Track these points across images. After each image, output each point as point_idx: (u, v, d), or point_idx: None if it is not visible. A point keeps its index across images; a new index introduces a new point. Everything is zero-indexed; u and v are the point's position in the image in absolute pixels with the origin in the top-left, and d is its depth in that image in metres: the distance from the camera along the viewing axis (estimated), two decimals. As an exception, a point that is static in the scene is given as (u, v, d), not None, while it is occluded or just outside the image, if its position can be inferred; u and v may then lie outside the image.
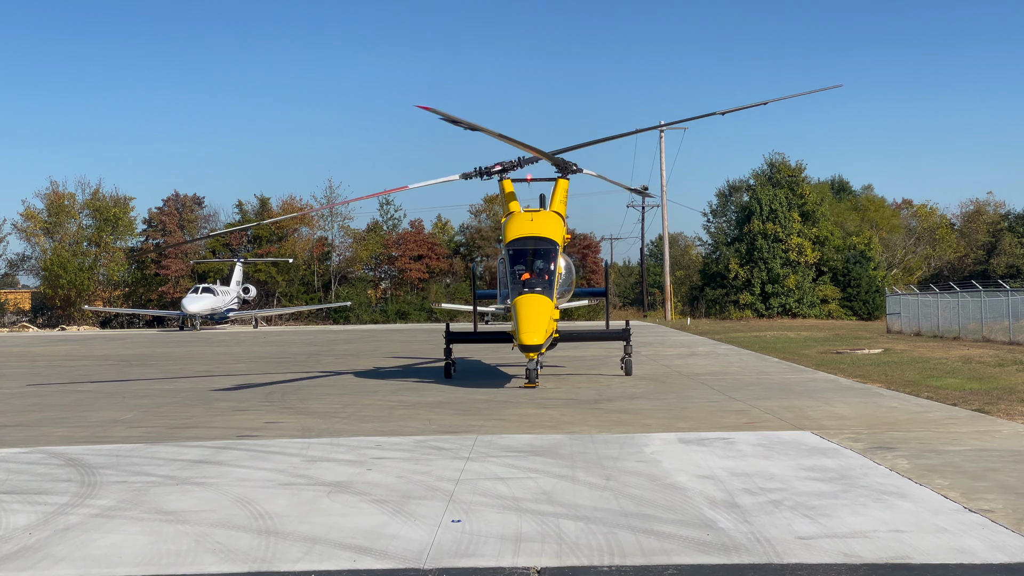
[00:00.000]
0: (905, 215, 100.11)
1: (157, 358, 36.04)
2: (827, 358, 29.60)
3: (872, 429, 13.93)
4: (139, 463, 11.97)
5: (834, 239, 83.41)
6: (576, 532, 8.21)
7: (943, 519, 8.49)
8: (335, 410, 17.61)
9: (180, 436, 14.38)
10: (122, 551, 7.83)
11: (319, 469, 11.36)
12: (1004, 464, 11.02)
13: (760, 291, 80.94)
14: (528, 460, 11.71)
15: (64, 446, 13.51)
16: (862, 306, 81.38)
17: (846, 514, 8.71)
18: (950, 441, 12.74)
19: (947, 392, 18.77)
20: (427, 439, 13.66)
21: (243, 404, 18.81)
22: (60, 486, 10.54)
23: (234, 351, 40.61)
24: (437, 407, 17.82)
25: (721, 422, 15.04)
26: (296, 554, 7.68)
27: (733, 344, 39.40)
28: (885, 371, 23.99)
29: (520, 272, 21.77)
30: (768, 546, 7.70)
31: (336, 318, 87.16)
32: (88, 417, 17.06)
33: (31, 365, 32.98)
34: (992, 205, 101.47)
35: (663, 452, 12.22)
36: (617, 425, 14.90)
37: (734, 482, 10.20)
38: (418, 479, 10.60)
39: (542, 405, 18.04)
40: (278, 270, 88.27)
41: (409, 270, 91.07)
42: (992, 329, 37.40)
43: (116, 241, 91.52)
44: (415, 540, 8.02)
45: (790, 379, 22.58)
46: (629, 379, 23.09)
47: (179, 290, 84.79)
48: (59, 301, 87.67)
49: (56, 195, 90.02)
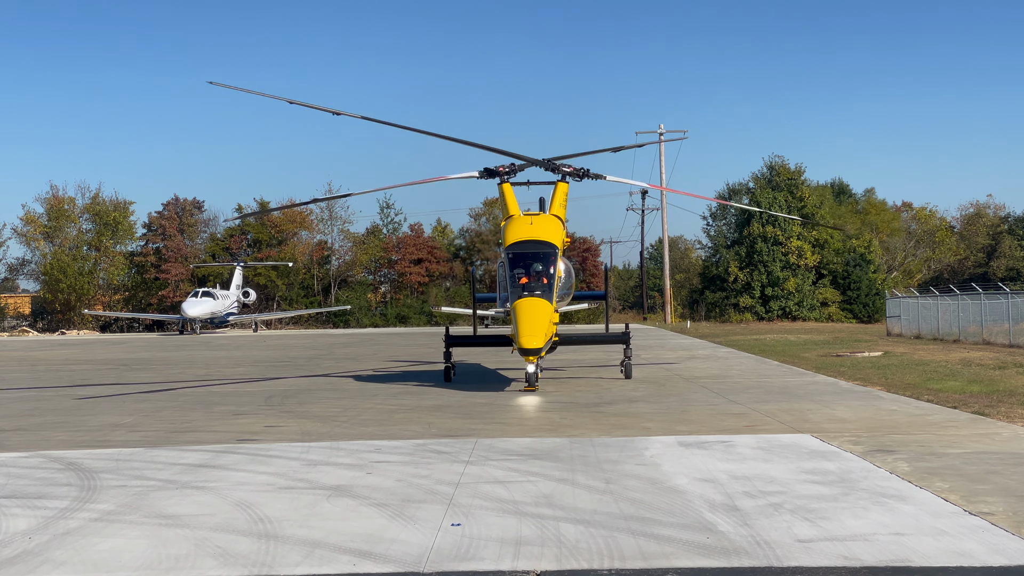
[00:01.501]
0: (905, 218, 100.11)
1: (157, 362, 36.04)
2: (827, 361, 29.60)
3: (872, 432, 13.93)
4: (139, 467, 11.97)
5: (834, 242, 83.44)
6: (576, 535, 8.20)
7: (943, 522, 8.48)
8: (335, 414, 17.61)
9: (180, 440, 14.37)
10: (122, 555, 7.82)
11: (319, 473, 11.36)
12: (1004, 467, 11.02)
13: (760, 294, 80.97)
14: (528, 464, 11.71)
15: (64, 450, 13.51)
16: (862, 309, 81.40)
17: (846, 517, 8.70)
18: (950, 444, 12.73)
19: (947, 395, 18.77)
20: (427, 443, 13.66)
21: (243, 408, 18.81)
22: (60, 490, 10.53)
23: (234, 355, 40.60)
24: (437, 411, 17.82)
25: (721, 425, 15.03)
26: (296, 558, 7.67)
27: (733, 347, 39.40)
28: (885, 374, 23.99)
29: (520, 276, 21.77)
30: (768, 549, 7.69)
31: (336, 322, 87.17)
32: (88, 421, 17.05)
33: (31, 369, 32.97)
34: (992, 208, 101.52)
35: (663, 455, 12.22)
36: (617, 428, 14.90)
37: (734, 485, 10.19)
38: (418, 483, 10.60)
39: (542, 408, 18.04)
40: (278, 274, 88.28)
41: (409, 274, 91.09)
42: (992, 332, 37.40)
43: (116, 245, 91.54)
44: (415, 544, 8.02)
45: (790, 382, 22.58)
46: (629, 382, 23.09)
47: (179, 294, 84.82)
48: (59, 305, 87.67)
49: (56, 199, 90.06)
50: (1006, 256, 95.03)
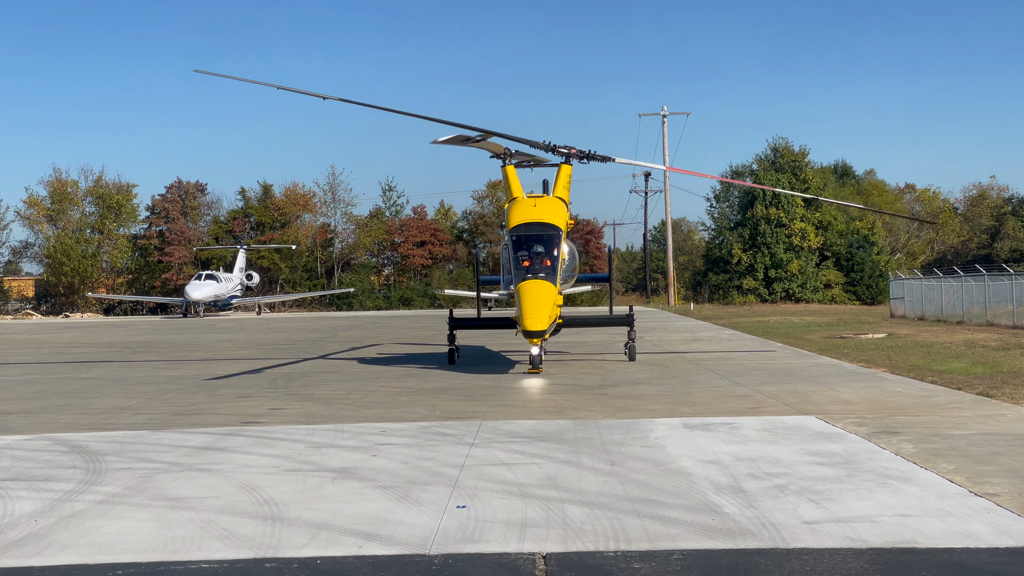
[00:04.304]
0: (908, 199, 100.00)
1: (161, 345, 36.08)
2: (831, 343, 29.58)
3: (877, 413, 13.91)
4: (144, 450, 11.98)
5: (837, 224, 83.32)
6: (581, 517, 8.20)
7: (949, 503, 8.47)
8: (339, 396, 17.62)
9: (184, 423, 14.39)
10: (128, 538, 7.83)
11: (324, 455, 11.36)
12: (1009, 448, 11.01)
13: (763, 276, 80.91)
14: (533, 446, 11.71)
15: (69, 433, 13.53)
16: (865, 291, 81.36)
17: (851, 499, 8.70)
18: (955, 425, 12.72)
19: (951, 376, 18.75)
20: (431, 425, 13.66)
21: (247, 391, 18.82)
22: (65, 473, 10.54)
23: (237, 338, 40.64)
24: (441, 393, 17.82)
25: (725, 407, 15.03)
26: (302, 540, 7.68)
27: (736, 329, 39.39)
28: (889, 356, 23.97)
29: (523, 258, 21.73)
30: (774, 531, 7.69)
31: (339, 305, 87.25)
32: (92, 404, 17.08)
33: (35, 352, 33.03)
34: (995, 189, 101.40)
35: (668, 437, 12.21)
36: (621, 410, 14.90)
37: (739, 467, 10.19)
38: (423, 465, 10.60)
39: (546, 391, 18.05)
40: (281, 257, 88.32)
41: (412, 256, 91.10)
42: (996, 313, 37.37)
43: (119, 228, 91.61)
44: (420, 526, 8.02)
45: (794, 364, 22.56)
46: (633, 364, 23.09)
47: (182, 277, 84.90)
48: (63, 288, 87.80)
49: (59, 182, 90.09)
50: (1010, 237, 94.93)
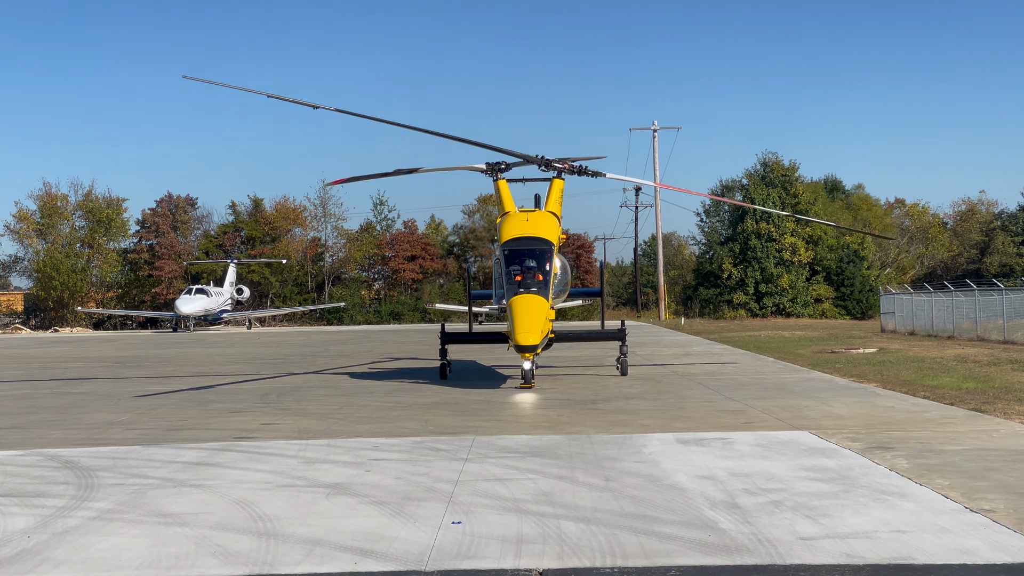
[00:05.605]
0: (898, 214, 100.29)
1: (151, 360, 35.95)
2: (822, 357, 29.62)
3: (870, 429, 13.92)
4: (136, 465, 11.92)
5: (827, 238, 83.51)
6: (577, 533, 8.18)
7: (944, 519, 8.47)
8: (331, 411, 17.56)
9: (176, 438, 14.32)
10: (122, 554, 7.78)
11: (317, 471, 11.31)
12: (1003, 463, 11.02)
13: (754, 290, 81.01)
14: (527, 461, 11.68)
15: (60, 448, 13.45)
16: (856, 305, 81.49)
17: (847, 514, 8.69)
18: (948, 441, 12.73)
19: (943, 391, 18.78)
20: (425, 440, 13.62)
21: (239, 406, 18.75)
22: (57, 488, 10.48)
23: (228, 352, 40.52)
24: (434, 408, 17.78)
25: (719, 422, 15.02)
26: (297, 556, 7.64)
27: (728, 344, 39.42)
28: (881, 370, 24.01)
29: (515, 272, 21.72)
30: (771, 547, 7.67)
31: (330, 319, 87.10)
32: (83, 419, 16.99)
33: (25, 367, 32.87)
34: (985, 204, 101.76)
35: (662, 452, 12.20)
36: (615, 425, 14.88)
37: (734, 482, 10.17)
38: (417, 480, 10.56)
39: (539, 406, 18.02)
40: (271, 271, 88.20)
41: (403, 271, 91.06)
42: (986, 328, 37.46)
43: (109, 242, 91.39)
44: (416, 542, 7.98)
45: (786, 379, 22.58)
46: (625, 379, 23.08)
47: (172, 291, 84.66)
48: (52, 303, 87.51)
49: (49, 196, 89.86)
50: (999, 252, 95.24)
